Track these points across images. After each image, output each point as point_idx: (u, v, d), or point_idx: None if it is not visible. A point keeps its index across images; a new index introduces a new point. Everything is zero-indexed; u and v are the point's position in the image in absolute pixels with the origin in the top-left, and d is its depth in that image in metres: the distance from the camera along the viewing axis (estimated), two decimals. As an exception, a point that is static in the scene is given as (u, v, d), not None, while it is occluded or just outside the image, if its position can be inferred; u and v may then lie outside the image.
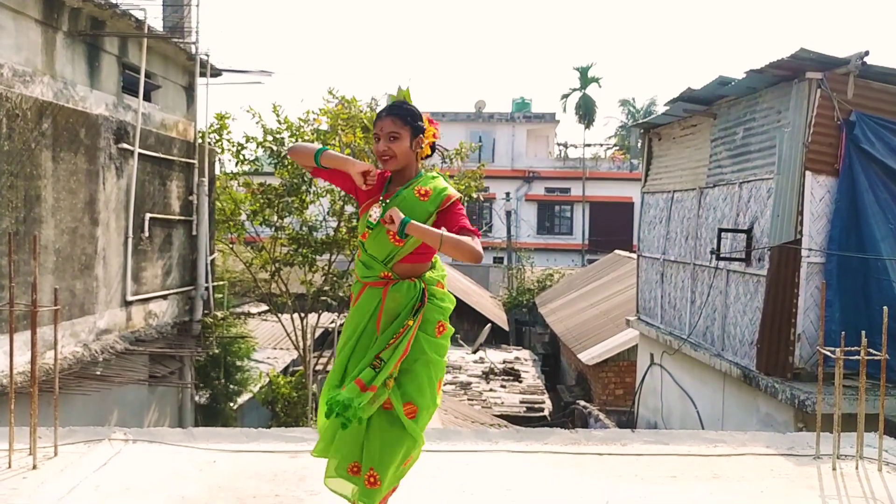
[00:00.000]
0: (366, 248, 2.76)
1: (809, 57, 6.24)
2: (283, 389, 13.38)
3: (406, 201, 2.68)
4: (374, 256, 2.73)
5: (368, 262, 2.75)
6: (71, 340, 7.40)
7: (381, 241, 2.69)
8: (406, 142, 2.71)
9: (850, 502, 3.45)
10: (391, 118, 2.71)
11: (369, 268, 2.75)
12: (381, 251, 2.71)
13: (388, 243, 2.67)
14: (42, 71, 7.06)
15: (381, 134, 2.71)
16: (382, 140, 2.70)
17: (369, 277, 2.74)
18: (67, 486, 3.46)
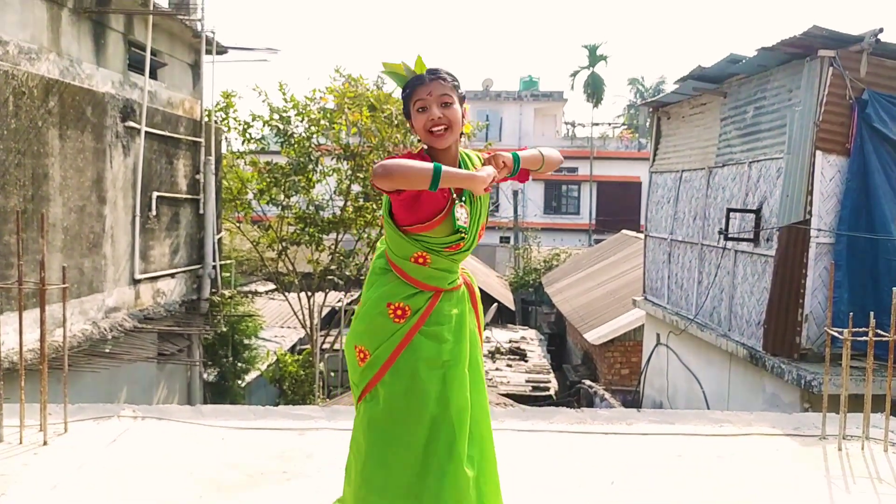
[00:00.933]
0: (455, 257, 2.25)
1: (822, 34, 6.15)
2: (291, 368, 13.48)
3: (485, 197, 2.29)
4: (457, 259, 2.28)
5: (450, 267, 2.25)
6: (80, 318, 7.45)
7: (475, 242, 2.30)
8: (459, 109, 2.20)
9: (856, 482, 3.46)
10: (438, 80, 2.18)
11: (452, 272, 2.28)
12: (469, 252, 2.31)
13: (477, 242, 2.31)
14: (48, 48, 7.04)
15: (429, 99, 2.17)
16: (434, 107, 2.16)
17: (454, 283, 2.29)
18: (77, 462, 3.50)
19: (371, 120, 12.73)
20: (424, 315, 2.19)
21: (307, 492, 3.24)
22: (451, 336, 2.21)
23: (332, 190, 13.68)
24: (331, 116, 13.11)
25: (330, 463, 3.57)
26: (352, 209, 13.38)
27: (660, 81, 42.51)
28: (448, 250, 2.21)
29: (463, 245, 2.22)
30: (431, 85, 2.18)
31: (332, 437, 3.96)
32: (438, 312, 2.21)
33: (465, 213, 2.21)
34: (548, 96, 34.70)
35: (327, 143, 13.62)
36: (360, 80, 13.59)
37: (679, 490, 3.35)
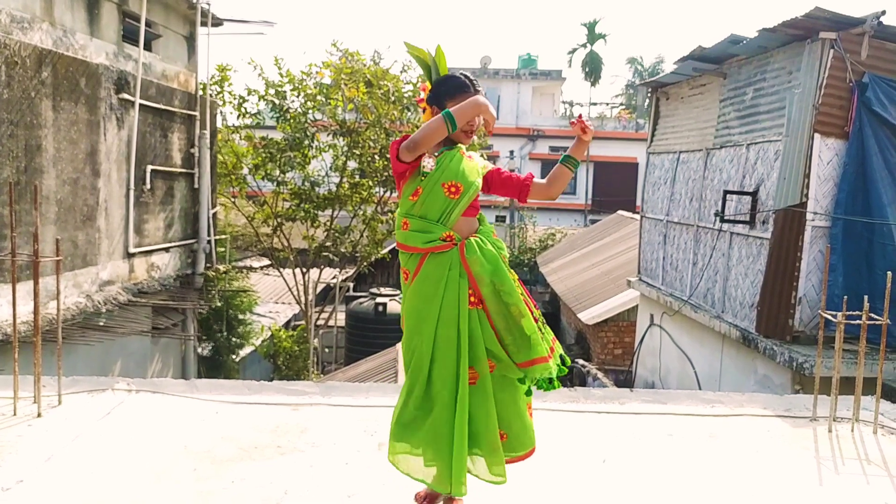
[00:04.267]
0: (415, 212, 2.60)
1: (824, 16, 6.10)
2: (285, 343, 13.52)
3: (457, 157, 2.63)
4: (427, 217, 2.58)
5: (423, 227, 2.57)
6: (74, 291, 7.43)
7: (434, 197, 2.57)
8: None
9: (845, 464, 3.49)
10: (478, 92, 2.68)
11: (427, 231, 2.57)
12: (434, 209, 2.58)
13: (442, 198, 2.56)
14: (40, 17, 6.93)
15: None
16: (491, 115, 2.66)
17: (431, 241, 2.56)
18: (72, 434, 3.51)
19: (368, 96, 12.63)
20: (415, 274, 2.61)
21: (301, 466, 3.26)
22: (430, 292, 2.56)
23: (328, 166, 13.61)
24: (327, 92, 13.00)
25: (324, 438, 3.59)
26: (348, 186, 13.33)
27: (658, 61, 42.26)
28: (412, 198, 2.59)
29: (421, 190, 2.57)
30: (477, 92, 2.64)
31: (327, 413, 3.98)
32: (421, 277, 2.59)
33: (431, 162, 2.57)
34: (546, 75, 34.48)
35: (323, 119, 13.53)
36: (357, 56, 13.47)
37: (670, 469, 3.39)
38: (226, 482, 3.08)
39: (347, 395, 4.30)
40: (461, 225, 2.61)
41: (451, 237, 2.57)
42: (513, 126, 32.63)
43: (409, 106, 13.28)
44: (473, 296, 2.55)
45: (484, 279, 2.52)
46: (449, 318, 2.54)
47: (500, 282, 2.53)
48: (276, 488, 3.03)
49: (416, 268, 2.61)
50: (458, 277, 2.54)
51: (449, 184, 2.56)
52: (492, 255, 2.56)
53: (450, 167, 2.59)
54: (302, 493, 3.00)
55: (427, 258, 2.58)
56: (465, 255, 2.55)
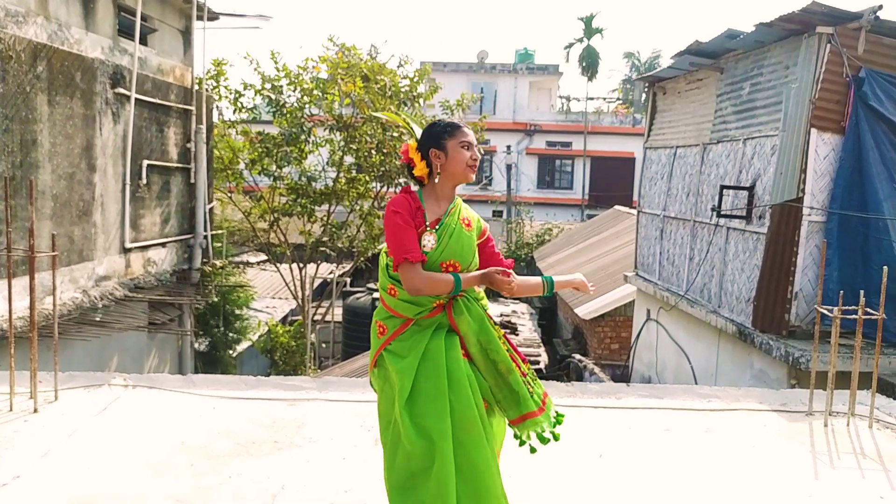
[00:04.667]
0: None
1: (821, 11, 6.09)
2: (282, 338, 13.51)
3: (456, 232, 2.52)
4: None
5: (417, 301, 2.49)
6: (70, 286, 7.42)
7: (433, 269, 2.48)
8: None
9: (841, 457, 3.51)
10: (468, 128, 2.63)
11: (418, 304, 2.50)
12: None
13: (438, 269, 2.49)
14: (35, 11, 6.90)
15: (472, 143, 2.57)
16: (475, 149, 2.58)
17: (422, 312, 2.51)
18: (68, 429, 3.51)
19: (364, 91, 12.60)
20: (391, 338, 2.53)
21: (298, 461, 3.26)
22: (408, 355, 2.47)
23: (325, 161, 13.58)
24: (324, 86, 12.97)
25: (320, 433, 3.60)
26: (344, 181, 13.31)
27: (655, 56, 42.20)
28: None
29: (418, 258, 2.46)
30: (469, 132, 2.60)
31: (323, 408, 3.98)
32: (403, 337, 2.51)
33: (432, 240, 2.49)
34: (543, 69, 34.41)
35: (320, 114, 13.49)
36: (353, 50, 13.43)
37: (667, 463, 3.40)
38: (223, 477, 3.08)
39: (344, 391, 4.30)
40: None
41: (440, 304, 2.53)
42: (510, 121, 32.59)
43: (405, 101, 13.25)
44: (464, 348, 2.53)
45: (471, 339, 2.52)
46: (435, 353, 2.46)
47: (486, 340, 2.51)
48: (274, 483, 3.04)
49: (397, 328, 2.54)
50: (444, 333, 2.52)
51: (448, 263, 2.50)
52: (478, 314, 2.54)
53: (449, 245, 2.51)
54: (299, 488, 3.00)
55: (412, 323, 2.53)
56: (452, 316, 2.52)
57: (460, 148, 2.55)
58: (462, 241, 2.54)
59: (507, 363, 2.52)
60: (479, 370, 2.53)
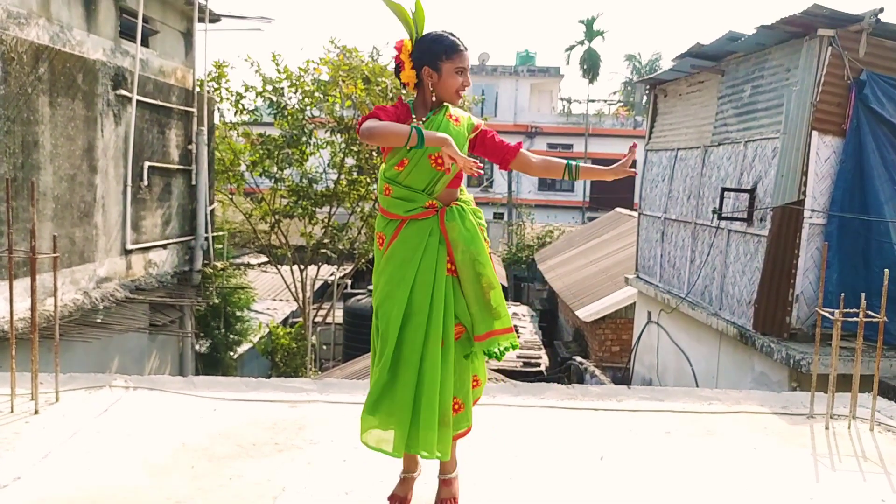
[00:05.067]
0: (400, 180, 2.58)
1: (822, 13, 6.10)
2: (283, 340, 13.51)
3: (443, 125, 2.57)
4: (413, 187, 2.57)
5: (408, 196, 2.57)
6: (71, 288, 7.42)
7: (420, 168, 2.55)
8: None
9: (842, 461, 3.50)
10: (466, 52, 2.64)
11: (410, 200, 2.57)
12: (422, 180, 2.56)
13: (429, 170, 2.55)
14: (37, 13, 6.91)
15: (467, 69, 2.62)
16: (468, 74, 2.63)
17: (413, 210, 2.56)
18: (69, 431, 3.50)
19: (366, 93, 12.61)
20: (391, 240, 2.60)
21: (299, 463, 3.26)
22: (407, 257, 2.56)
23: (326, 163, 13.59)
24: (325, 88, 12.98)
25: (321, 435, 3.59)
26: (345, 182, 13.32)
27: (655, 58, 42.26)
28: (397, 167, 2.57)
29: (407, 162, 2.54)
30: (467, 56, 2.62)
31: (324, 410, 3.97)
32: (401, 238, 2.58)
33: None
34: (544, 72, 34.44)
35: (321, 116, 13.50)
36: (354, 52, 13.44)
37: (668, 466, 3.39)
38: (223, 479, 3.08)
39: (345, 392, 4.30)
40: (444, 194, 2.62)
41: (433, 205, 2.58)
42: (511, 123, 32.62)
43: (407, 103, 13.25)
44: (451, 262, 2.58)
45: (460, 245, 2.54)
46: (424, 282, 2.54)
47: (476, 250, 2.55)
48: (274, 485, 3.03)
49: (393, 233, 2.60)
50: (437, 244, 2.56)
51: (436, 155, 2.51)
52: (471, 224, 2.58)
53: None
54: (300, 490, 3.00)
55: (406, 224, 2.58)
56: (444, 222, 2.56)
57: (454, 73, 2.59)
58: (451, 133, 2.53)
59: (492, 278, 2.58)
60: (462, 280, 2.57)
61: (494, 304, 2.56)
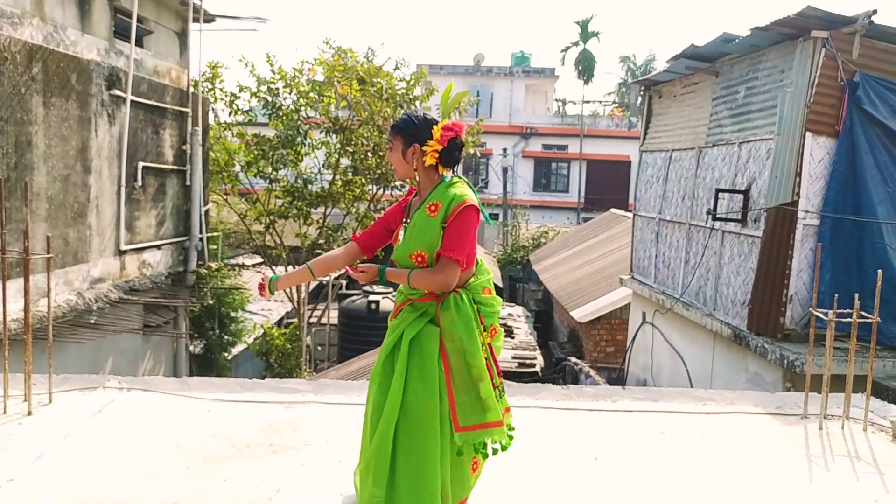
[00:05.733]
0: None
1: (816, 15, 6.12)
2: (278, 341, 13.48)
3: (419, 222, 2.62)
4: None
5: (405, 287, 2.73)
6: (65, 289, 7.39)
7: (408, 263, 2.66)
8: (398, 152, 2.69)
9: (836, 460, 3.51)
10: (390, 131, 2.74)
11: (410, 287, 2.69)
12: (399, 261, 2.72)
13: (414, 266, 2.64)
14: (31, 13, 6.88)
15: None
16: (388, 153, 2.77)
17: (414, 294, 2.67)
18: (63, 432, 3.49)
19: (361, 94, 12.60)
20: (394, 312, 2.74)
21: (293, 464, 3.25)
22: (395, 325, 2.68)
23: (321, 163, 13.58)
24: (320, 89, 12.97)
25: (316, 436, 3.59)
26: (340, 183, 13.31)
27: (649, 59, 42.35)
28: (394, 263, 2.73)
29: (397, 263, 2.71)
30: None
31: (319, 411, 3.97)
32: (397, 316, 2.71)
33: (400, 236, 2.71)
34: (539, 73, 34.48)
35: (316, 116, 13.49)
36: (350, 53, 13.44)
37: (662, 466, 3.40)
38: (218, 480, 3.07)
39: (340, 394, 4.29)
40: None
41: (432, 293, 2.62)
42: (506, 124, 32.64)
43: (402, 103, 13.26)
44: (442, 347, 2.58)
45: (451, 334, 2.55)
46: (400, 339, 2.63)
47: (467, 340, 2.54)
48: (269, 486, 3.03)
49: (397, 307, 2.74)
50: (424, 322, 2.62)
51: (415, 254, 2.61)
52: (465, 314, 2.56)
53: (413, 236, 2.63)
54: (294, 491, 2.99)
55: (408, 303, 2.69)
56: (438, 309, 2.60)
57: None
58: (425, 230, 2.60)
59: (481, 370, 2.55)
60: (452, 369, 2.57)
61: (484, 396, 2.55)
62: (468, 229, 2.57)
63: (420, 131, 2.64)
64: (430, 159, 2.64)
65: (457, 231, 2.55)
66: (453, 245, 2.54)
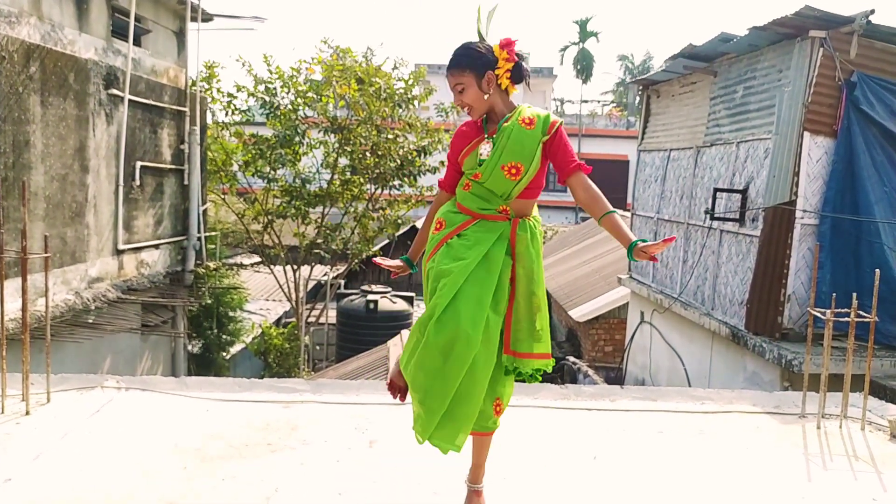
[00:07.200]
0: (482, 183, 2.59)
1: (814, 15, 6.13)
2: (276, 340, 13.48)
3: (515, 133, 2.56)
4: (492, 191, 2.58)
5: (485, 195, 2.59)
6: (62, 288, 7.38)
7: (496, 177, 2.56)
8: (473, 87, 2.58)
9: (833, 460, 3.52)
10: (451, 72, 2.60)
11: (486, 200, 2.59)
12: (499, 186, 2.57)
13: (504, 180, 2.55)
14: (28, 12, 6.87)
15: (453, 91, 2.63)
16: (455, 96, 2.62)
17: (487, 210, 2.58)
18: (61, 432, 3.49)
19: (359, 93, 12.60)
20: (455, 231, 2.59)
21: (292, 464, 3.25)
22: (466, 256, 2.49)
23: (319, 163, 13.57)
24: (318, 88, 12.96)
25: (314, 435, 3.59)
26: (339, 183, 13.29)
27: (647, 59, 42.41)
28: (474, 178, 2.61)
29: (480, 175, 2.58)
30: (448, 77, 2.62)
31: (317, 410, 3.97)
32: (466, 234, 2.57)
33: (487, 149, 2.59)
34: (537, 72, 34.50)
35: (314, 116, 13.48)
36: (348, 53, 13.43)
37: (660, 465, 3.40)
38: (216, 480, 3.07)
39: (338, 393, 4.29)
40: (520, 204, 2.62)
41: (506, 211, 2.58)
42: (504, 123, 32.62)
43: (400, 103, 13.25)
44: (513, 271, 2.56)
45: (524, 260, 2.54)
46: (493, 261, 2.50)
47: (535, 269, 2.55)
48: (267, 486, 3.03)
49: (460, 224, 2.59)
50: (503, 247, 2.54)
51: (509, 165, 2.54)
52: (538, 242, 2.59)
53: (507, 147, 2.55)
54: (292, 491, 2.99)
55: (477, 221, 2.59)
56: (515, 230, 2.56)
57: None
58: (523, 142, 2.55)
59: (542, 300, 2.57)
60: (516, 294, 2.55)
61: (539, 327, 2.55)
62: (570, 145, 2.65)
63: (486, 58, 2.58)
64: (505, 80, 2.61)
65: (567, 145, 2.62)
66: (573, 157, 2.60)
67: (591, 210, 2.59)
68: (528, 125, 2.58)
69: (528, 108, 2.66)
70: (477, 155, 2.59)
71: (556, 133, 2.60)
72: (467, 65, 2.57)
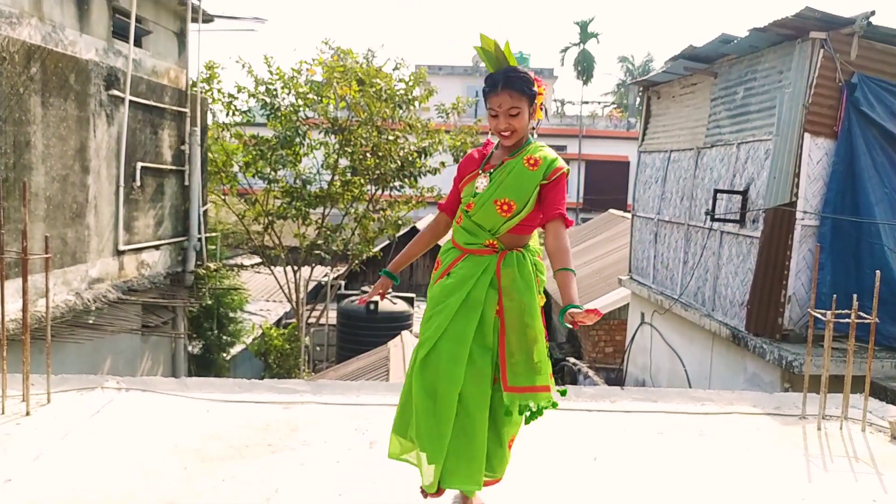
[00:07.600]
0: (471, 216, 2.62)
1: (814, 16, 6.13)
2: (276, 341, 13.48)
3: (516, 170, 2.56)
4: (481, 225, 2.60)
5: (473, 230, 2.61)
6: (63, 289, 7.38)
7: (487, 211, 2.57)
8: (525, 115, 2.55)
9: (834, 461, 3.52)
10: (509, 93, 2.51)
11: (473, 234, 2.61)
12: (488, 221, 2.58)
13: (495, 215, 2.56)
14: (29, 13, 6.87)
15: (499, 111, 2.53)
16: (502, 117, 2.53)
17: (473, 245, 2.61)
18: (61, 432, 3.49)
19: (360, 94, 12.60)
20: (447, 269, 2.64)
21: (292, 464, 3.25)
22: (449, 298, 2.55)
23: (320, 164, 13.58)
24: (319, 89, 12.97)
25: (314, 436, 3.59)
26: (339, 184, 13.30)
27: (648, 60, 42.41)
28: (466, 208, 2.64)
29: (473, 206, 2.61)
30: (502, 96, 2.52)
31: (318, 411, 3.97)
32: (454, 271, 2.61)
33: (484, 183, 2.61)
34: (538, 73, 34.33)
35: (315, 117, 13.49)
36: (349, 53, 13.44)
37: (661, 466, 3.40)
38: (216, 480, 3.07)
39: (339, 394, 4.29)
40: (510, 238, 2.61)
41: (493, 245, 2.59)
42: (504, 125, 32.60)
43: (401, 104, 13.26)
44: (499, 305, 2.54)
45: (512, 293, 2.52)
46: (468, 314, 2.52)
47: (527, 302, 2.51)
48: (267, 486, 3.03)
49: (451, 262, 2.64)
50: (487, 283, 2.55)
51: (502, 201, 2.55)
52: (527, 274, 2.54)
53: (504, 184, 2.55)
54: (293, 492, 2.99)
55: (465, 256, 2.62)
56: (500, 265, 2.55)
57: (489, 114, 2.60)
58: (521, 180, 2.55)
59: (538, 332, 2.53)
60: (507, 328, 2.53)
61: (537, 359, 2.51)
62: (565, 194, 2.64)
63: (534, 88, 2.57)
64: (540, 113, 2.61)
65: (561, 193, 2.60)
66: (561, 205, 2.58)
67: (553, 259, 2.55)
68: (531, 166, 2.57)
69: (542, 147, 2.63)
70: (474, 186, 2.63)
71: (557, 179, 2.58)
72: (527, 91, 2.53)
